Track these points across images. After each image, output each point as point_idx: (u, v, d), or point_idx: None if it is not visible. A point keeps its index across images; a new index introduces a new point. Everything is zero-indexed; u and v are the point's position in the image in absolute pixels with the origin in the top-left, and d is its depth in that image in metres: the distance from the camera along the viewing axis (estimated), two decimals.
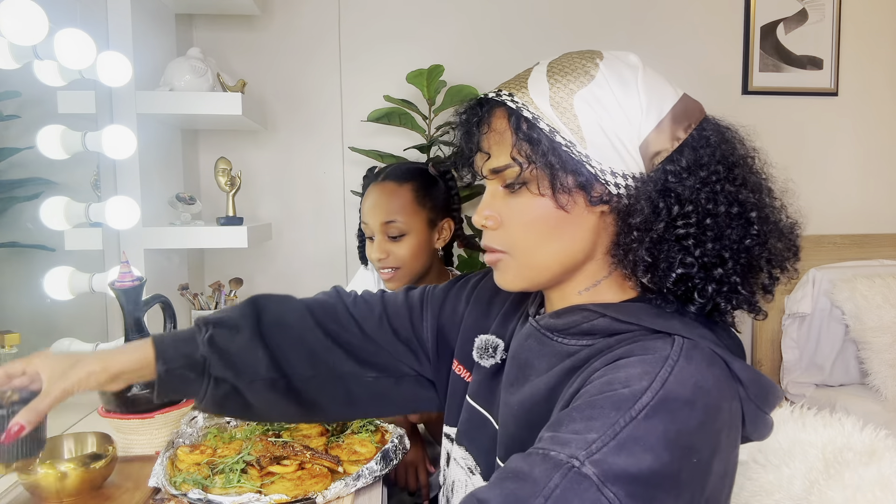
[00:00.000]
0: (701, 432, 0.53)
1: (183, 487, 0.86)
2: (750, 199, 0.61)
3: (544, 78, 0.64)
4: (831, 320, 2.36)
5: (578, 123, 0.60)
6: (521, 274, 0.66)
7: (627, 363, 0.56)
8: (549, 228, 0.63)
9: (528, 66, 0.69)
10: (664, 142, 0.61)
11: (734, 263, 0.60)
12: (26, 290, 1.36)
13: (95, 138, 1.41)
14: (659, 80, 0.64)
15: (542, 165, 0.61)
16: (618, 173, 0.60)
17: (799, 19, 2.44)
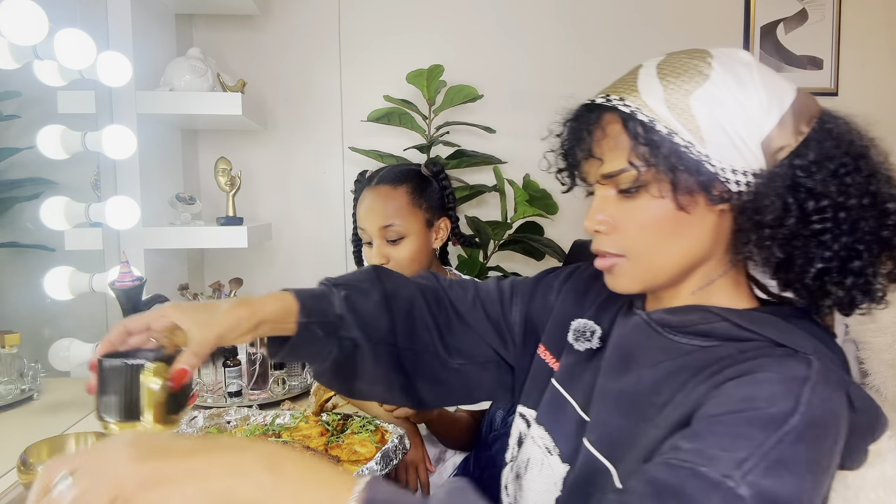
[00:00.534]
0: (830, 457, 0.54)
1: None
2: (882, 189, 0.60)
3: (656, 80, 0.62)
4: None
5: (697, 123, 0.60)
6: (639, 277, 0.66)
7: (767, 379, 0.55)
8: (670, 230, 0.63)
9: (528, 66, 0.68)
10: (787, 137, 0.60)
11: (869, 255, 0.59)
12: (26, 290, 1.36)
13: (95, 138, 1.41)
14: (774, 76, 0.64)
15: (664, 168, 0.60)
16: (738, 171, 0.60)
17: (799, 19, 2.44)
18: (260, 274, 2.31)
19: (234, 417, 1.09)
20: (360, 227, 1.32)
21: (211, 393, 1.40)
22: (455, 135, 2.18)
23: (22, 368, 1.32)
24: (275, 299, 0.74)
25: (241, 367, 1.40)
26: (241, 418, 1.09)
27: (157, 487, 0.43)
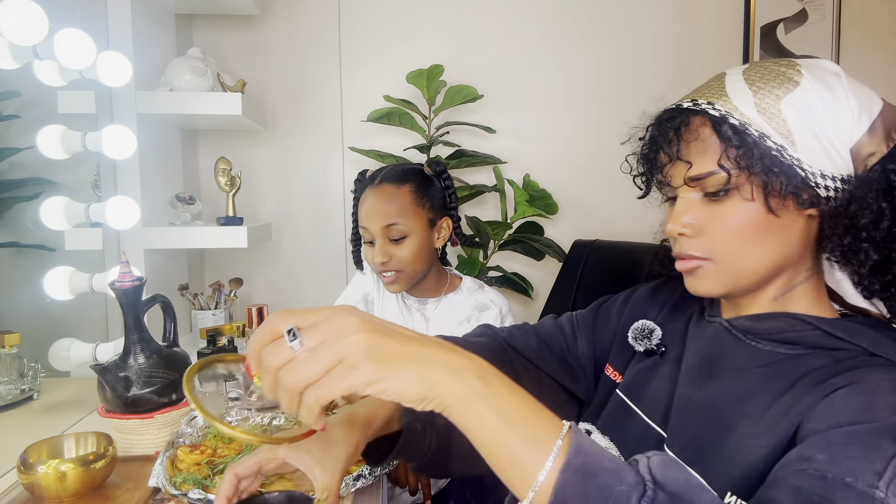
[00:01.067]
0: None
1: (183, 487, 0.86)
2: None
3: (745, 85, 0.64)
4: None
5: (789, 128, 0.61)
6: (723, 280, 0.66)
7: (880, 387, 0.54)
8: (759, 233, 0.63)
9: (528, 66, 0.69)
10: (877, 144, 0.62)
11: None
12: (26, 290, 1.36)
13: (95, 138, 1.41)
14: (861, 85, 0.65)
15: (758, 171, 0.61)
16: (828, 175, 0.61)
17: (799, 19, 2.45)
18: (260, 274, 2.31)
19: (234, 418, 1.09)
20: (363, 227, 1.32)
21: None
22: (455, 135, 2.18)
23: (22, 368, 1.32)
24: (380, 406, 0.72)
25: None
26: (241, 419, 1.09)
27: (382, 361, 0.47)
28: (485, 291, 1.41)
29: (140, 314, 1.10)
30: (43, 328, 1.41)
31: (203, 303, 1.92)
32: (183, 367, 1.13)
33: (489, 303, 1.39)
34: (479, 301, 1.39)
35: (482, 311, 1.38)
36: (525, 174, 2.17)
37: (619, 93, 2.30)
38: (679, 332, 0.76)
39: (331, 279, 2.31)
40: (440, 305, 1.39)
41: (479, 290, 1.42)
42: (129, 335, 1.09)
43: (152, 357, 1.09)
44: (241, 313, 2.01)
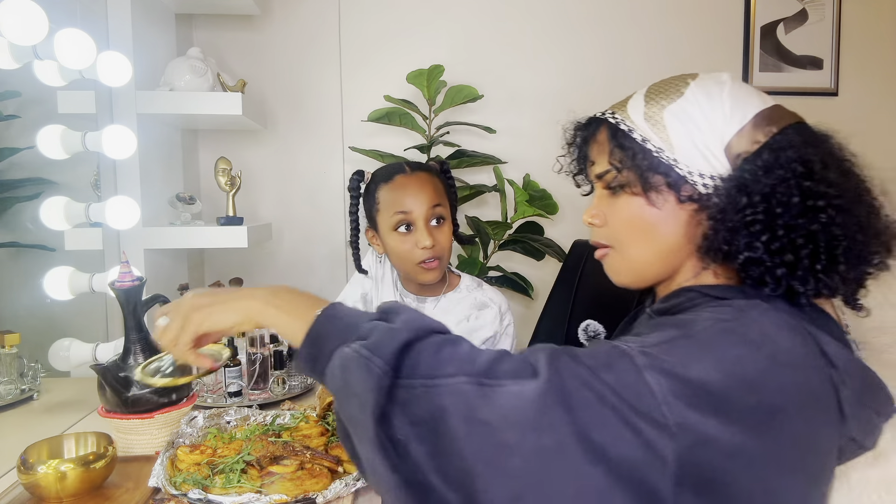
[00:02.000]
0: (765, 377, 0.57)
1: (183, 487, 0.86)
2: (829, 193, 0.65)
3: (642, 97, 0.74)
4: None
5: (668, 133, 0.70)
6: (626, 267, 0.77)
7: (701, 310, 0.64)
8: (645, 224, 0.73)
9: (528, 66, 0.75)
10: (745, 144, 0.68)
11: (808, 251, 0.64)
12: (26, 290, 1.36)
13: (95, 138, 1.41)
14: (747, 92, 0.72)
15: (639, 169, 0.71)
16: (705, 174, 0.69)
17: (799, 19, 2.44)
18: (260, 274, 2.31)
19: (233, 417, 1.09)
20: (402, 211, 1.26)
21: (211, 393, 1.40)
22: (455, 135, 2.18)
23: (22, 368, 1.32)
24: None
25: (242, 367, 1.39)
26: (240, 418, 1.09)
27: (205, 308, 0.72)
28: (483, 290, 1.41)
29: (140, 314, 1.10)
30: (43, 328, 1.41)
31: None
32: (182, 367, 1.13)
33: (488, 301, 1.39)
34: (478, 299, 1.39)
35: (481, 309, 1.38)
36: (525, 174, 2.17)
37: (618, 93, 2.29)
38: (623, 328, 0.85)
39: (331, 279, 2.31)
40: (439, 304, 1.39)
41: (478, 288, 1.41)
42: (129, 335, 1.09)
43: None
44: None
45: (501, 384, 0.56)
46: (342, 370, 0.60)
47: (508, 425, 0.54)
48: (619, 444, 0.53)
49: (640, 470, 0.53)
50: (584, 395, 0.55)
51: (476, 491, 0.53)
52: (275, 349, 1.44)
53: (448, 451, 0.55)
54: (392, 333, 0.61)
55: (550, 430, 0.53)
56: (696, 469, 0.54)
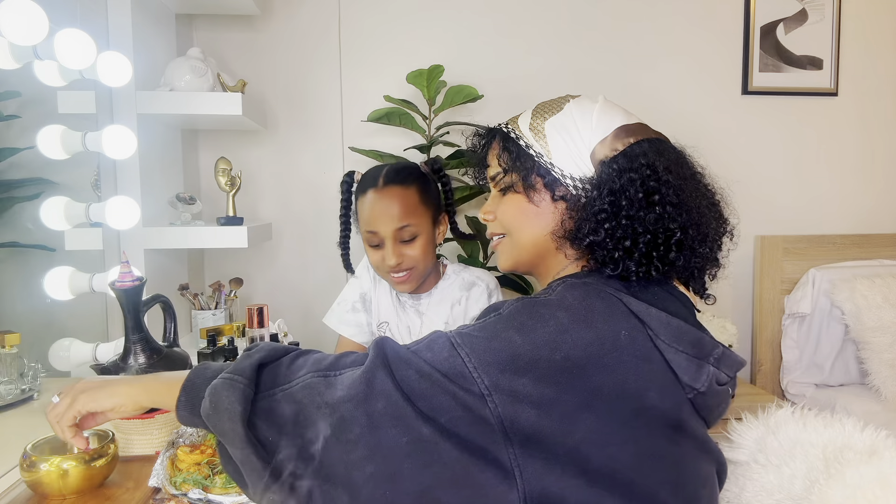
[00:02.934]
0: (566, 335, 0.67)
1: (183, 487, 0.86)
2: (668, 192, 0.76)
3: (530, 112, 0.87)
4: (831, 320, 2.36)
5: (546, 141, 0.83)
6: (512, 252, 0.88)
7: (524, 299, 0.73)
8: (526, 217, 0.85)
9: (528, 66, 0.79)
10: (606, 151, 0.80)
11: (645, 239, 0.75)
12: (26, 290, 1.36)
13: (95, 138, 1.41)
14: (615, 110, 0.84)
15: (520, 170, 0.84)
16: (575, 177, 0.81)
17: (799, 19, 2.44)
18: (260, 274, 2.31)
19: None
20: (370, 231, 1.29)
21: None
22: (455, 135, 2.18)
23: (22, 368, 1.31)
24: None
25: None
26: None
27: (90, 391, 0.78)
28: (470, 270, 1.43)
29: (140, 314, 1.10)
30: (43, 328, 1.41)
31: (203, 303, 1.92)
32: (183, 367, 1.13)
33: (476, 280, 1.40)
34: (465, 280, 1.40)
35: (470, 288, 1.39)
36: None
37: (618, 93, 2.30)
38: None
39: (330, 279, 2.31)
40: (432, 297, 1.40)
41: (464, 269, 1.43)
42: (129, 335, 1.09)
43: (152, 357, 1.09)
44: (242, 313, 2.01)
45: (341, 372, 0.69)
46: (212, 396, 0.70)
47: (346, 401, 0.65)
48: (444, 411, 0.64)
49: (474, 439, 0.63)
50: (405, 373, 0.66)
51: (331, 464, 0.64)
52: None
53: (306, 438, 0.65)
54: (249, 356, 0.73)
55: (379, 398, 0.64)
56: (517, 425, 0.63)
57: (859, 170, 2.54)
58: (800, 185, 2.51)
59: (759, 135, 2.45)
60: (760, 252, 2.45)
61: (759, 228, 2.47)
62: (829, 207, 2.53)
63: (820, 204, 2.53)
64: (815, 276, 2.35)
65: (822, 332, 2.37)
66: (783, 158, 2.47)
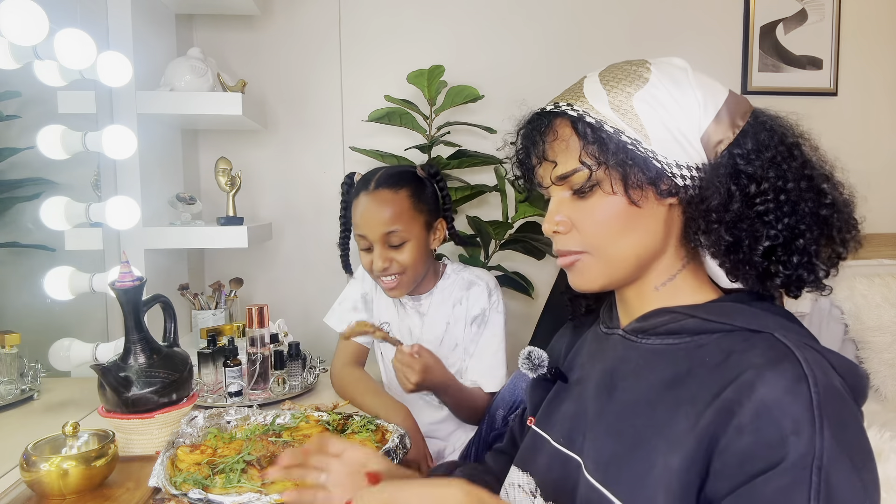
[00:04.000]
0: (861, 438, 0.56)
1: (183, 487, 0.86)
2: (816, 172, 0.64)
3: (599, 86, 0.66)
4: (830, 320, 2.35)
5: (641, 122, 0.64)
6: (603, 271, 0.68)
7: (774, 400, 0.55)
8: (624, 223, 0.66)
9: (528, 66, 0.70)
10: (724, 131, 0.64)
11: (810, 234, 0.62)
12: (26, 290, 1.36)
13: (95, 138, 1.41)
14: (707, 78, 0.68)
15: (614, 164, 0.64)
16: (683, 165, 0.64)
17: (798, 19, 2.45)
18: (260, 274, 2.31)
19: (234, 417, 1.09)
20: (360, 234, 1.30)
21: (211, 393, 1.40)
22: (456, 135, 2.18)
23: (22, 368, 1.32)
24: None
25: (242, 366, 1.40)
26: (241, 418, 1.09)
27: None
28: (469, 270, 1.43)
29: (140, 314, 1.10)
30: (43, 328, 1.41)
31: (203, 303, 1.92)
32: (183, 367, 1.13)
33: (475, 279, 1.40)
34: (465, 279, 1.40)
35: (470, 288, 1.39)
36: None
37: None
38: (582, 353, 0.78)
39: (331, 279, 2.31)
40: (432, 298, 1.40)
41: (464, 269, 1.43)
42: (130, 335, 1.09)
43: (152, 357, 1.09)
44: (242, 313, 2.01)
45: None
46: None
47: None
48: None
49: None
50: None
51: None
52: (275, 349, 1.44)
53: None
54: None
55: None
56: None
57: (859, 170, 2.53)
58: None
59: None
60: None
61: None
62: None
63: None
64: None
65: (822, 331, 2.37)
66: None
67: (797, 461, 0.52)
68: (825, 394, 0.54)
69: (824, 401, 0.53)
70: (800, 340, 0.59)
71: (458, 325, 1.38)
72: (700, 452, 0.57)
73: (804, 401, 0.53)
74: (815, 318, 2.36)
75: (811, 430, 0.52)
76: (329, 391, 1.47)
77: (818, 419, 0.53)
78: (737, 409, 0.56)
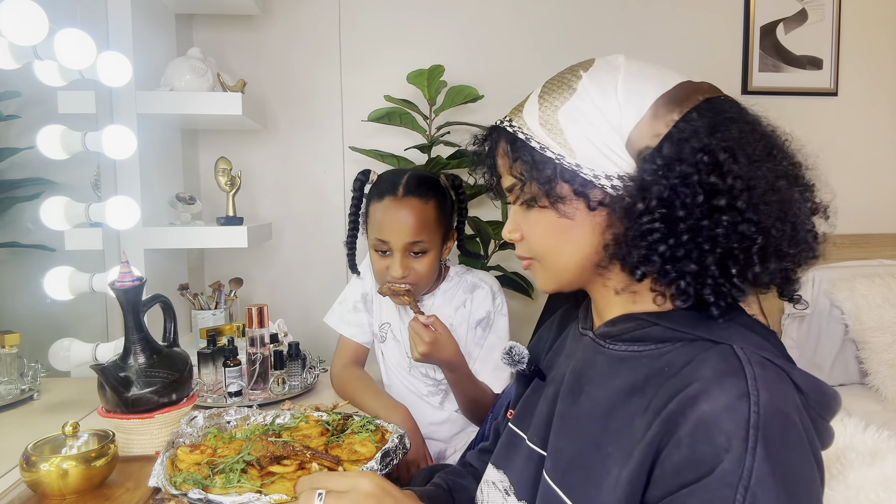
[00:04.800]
0: (802, 464, 0.54)
1: (183, 487, 0.86)
2: (737, 186, 0.58)
3: (536, 99, 0.67)
4: (831, 320, 2.35)
5: (565, 137, 0.64)
6: (551, 277, 0.71)
7: (712, 415, 0.54)
8: (558, 235, 0.67)
9: (528, 66, 0.70)
10: (646, 139, 0.61)
11: (715, 257, 0.59)
12: (26, 290, 1.36)
13: (95, 138, 1.41)
14: (645, 75, 0.65)
15: (541, 180, 0.65)
16: (612, 176, 0.62)
17: (799, 19, 2.45)
18: (260, 274, 2.31)
19: (233, 417, 1.09)
20: (381, 239, 1.27)
21: (211, 393, 1.40)
22: (455, 135, 2.18)
23: (22, 368, 1.32)
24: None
25: (241, 366, 1.40)
26: (240, 418, 1.09)
27: None
28: (473, 273, 1.43)
29: (140, 314, 1.10)
30: (43, 328, 1.41)
31: (203, 303, 1.92)
32: (183, 367, 1.13)
33: (479, 282, 1.40)
34: (468, 282, 1.40)
35: (473, 290, 1.39)
36: None
37: None
38: (561, 351, 0.79)
39: (331, 279, 2.31)
40: (435, 298, 1.40)
41: (467, 272, 1.43)
42: (129, 335, 1.09)
43: (152, 357, 1.09)
44: (241, 313, 2.01)
45: None
46: None
47: None
48: None
49: None
50: None
51: None
52: (275, 349, 1.44)
53: None
54: None
55: None
56: None
57: (859, 170, 2.54)
58: None
59: None
60: None
61: None
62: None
63: None
64: (814, 276, 2.35)
65: (822, 331, 2.37)
66: None
67: (722, 477, 0.52)
68: (766, 414, 0.53)
69: (764, 420, 0.52)
70: (758, 355, 0.57)
71: (460, 328, 1.38)
72: (646, 464, 0.58)
73: (741, 419, 0.53)
74: (815, 319, 2.36)
75: (742, 449, 0.52)
76: (329, 391, 1.47)
77: (752, 438, 0.52)
78: (680, 420, 0.56)
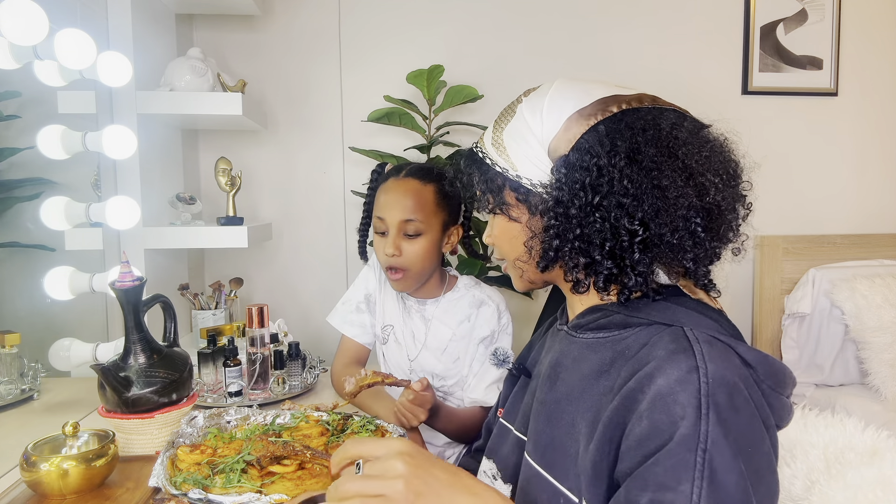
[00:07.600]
0: (752, 427, 0.60)
1: (183, 487, 0.86)
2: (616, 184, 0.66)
3: (492, 125, 0.79)
4: (831, 320, 2.36)
5: (508, 154, 0.75)
6: (515, 275, 0.82)
7: (667, 389, 0.60)
8: (512, 238, 0.78)
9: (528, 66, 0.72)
10: (561, 149, 0.70)
11: (600, 252, 0.68)
12: (26, 290, 1.36)
13: (95, 138, 1.41)
14: (569, 93, 0.72)
15: (490, 191, 0.77)
16: (545, 183, 0.72)
17: (799, 19, 2.45)
18: (260, 274, 2.31)
19: (233, 417, 1.09)
20: (379, 216, 1.31)
21: (211, 392, 1.40)
22: (455, 135, 2.18)
23: (22, 368, 1.32)
24: None
25: (242, 366, 1.40)
26: (240, 418, 1.09)
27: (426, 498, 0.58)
28: (481, 288, 1.42)
29: (140, 314, 1.10)
30: (43, 328, 1.41)
31: (203, 303, 1.92)
32: (183, 367, 1.13)
33: (486, 299, 1.39)
34: (476, 297, 1.39)
35: (480, 307, 1.38)
36: None
37: None
38: (543, 349, 0.87)
39: (331, 279, 2.31)
40: (439, 306, 1.39)
41: (476, 286, 1.42)
42: (130, 335, 1.09)
43: (152, 357, 1.09)
44: (242, 313, 2.01)
45: None
46: None
47: None
48: None
49: None
50: None
51: None
52: (275, 349, 1.44)
53: None
54: None
55: None
56: None
57: (859, 170, 2.54)
58: (800, 185, 2.51)
59: (759, 135, 2.45)
60: (760, 252, 2.45)
61: (759, 228, 2.48)
62: (829, 207, 2.53)
63: (820, 204, 2.53)
64: (815, 276, 2.35)
65: (822, 332, 2.37)
66: (783, 158, 2.47)
67: (682, 442, 0.57)
68: (714, 383, 0.59)
69: (713, 389, 0.59)
70: (707, 334, 0.64)
71: (461, 342, 1.37)
72: (614, 440, 0.63)
73: (693, 389, 0.59)
74: (815, 319, 2.37)
75: (696, 416, 0.57)
76: (329, 391, 1.47)
77: (704, 405, 0.58)
78: (639, 396, 0.62)
